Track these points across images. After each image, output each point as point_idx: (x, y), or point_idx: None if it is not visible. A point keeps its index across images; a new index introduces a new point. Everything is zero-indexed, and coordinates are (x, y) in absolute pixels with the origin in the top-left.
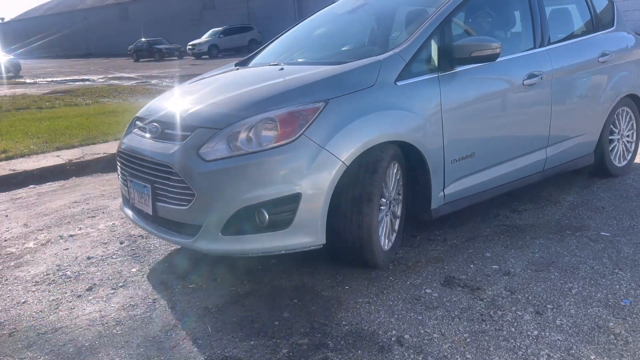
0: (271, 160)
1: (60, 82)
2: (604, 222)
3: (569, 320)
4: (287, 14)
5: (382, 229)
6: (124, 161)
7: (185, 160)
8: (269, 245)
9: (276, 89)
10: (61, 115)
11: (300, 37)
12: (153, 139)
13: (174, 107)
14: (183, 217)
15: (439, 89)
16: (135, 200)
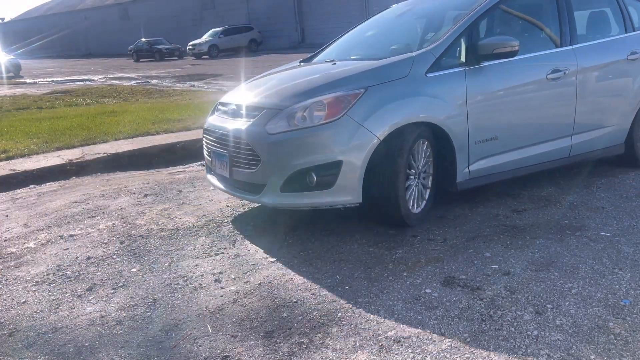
0: (320, 134)
1: (60, 82)
2: (604, 222)
3: (569, 320)
4: (287, 14)
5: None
6: (209, 136)
7: (255, 133)
8: (316, 201)
9: (326, 79)
10: (61, 115)
11: (355, 38)
12: (231, 118)
13: (248, 94)
14: (251, 178)
15: (464, 81)
16: (216, 167)
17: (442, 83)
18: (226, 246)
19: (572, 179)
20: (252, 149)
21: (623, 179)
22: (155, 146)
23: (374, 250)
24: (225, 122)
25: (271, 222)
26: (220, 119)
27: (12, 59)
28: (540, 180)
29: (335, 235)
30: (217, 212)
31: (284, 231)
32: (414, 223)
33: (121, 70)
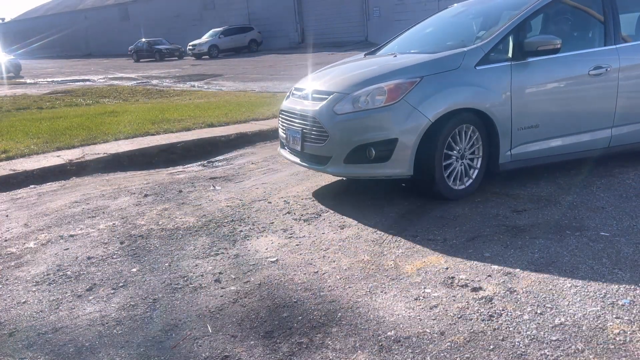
0: (379, 115)
1: (60, 83)
2: (604, 222)
3: (569, 320)
4: (287, 14)
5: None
6: (285, 116)
7: (324, 114)
8: (373, 172)
9: (388, 69)
10: (61, 116)
11: (414, 35)
12: (304, 101)
13: (319, 81)
14: (319, 151)
15: (510, 74)
16: (290, 142)
17: (490, 75)
18: (226, 246)
19: (572, 179)
20: (322, 127)
21: (623, 179)
22: (155, 146)
23: (375, 248)
24: (299, 104)
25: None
26: (295, 102)
27: (13, 59)
28: (540, 180)
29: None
30: (217, 212)
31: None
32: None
33: (121, 71)
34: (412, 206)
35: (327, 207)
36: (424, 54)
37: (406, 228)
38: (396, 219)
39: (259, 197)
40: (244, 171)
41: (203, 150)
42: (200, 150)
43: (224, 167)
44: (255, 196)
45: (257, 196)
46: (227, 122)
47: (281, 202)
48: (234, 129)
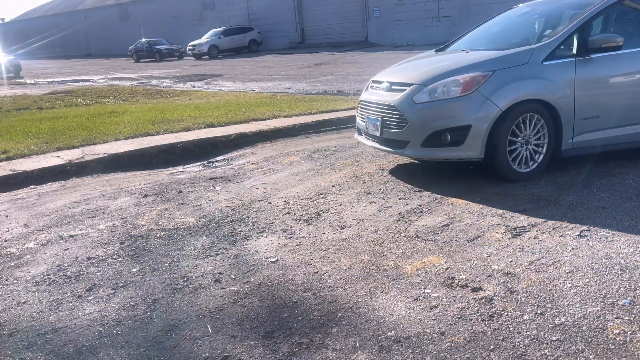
0: (455, 104)
1: (60, 83)
2: (604, 222)
3: (569, 320)
4: (287, 15)
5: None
6: (364, 106)
7: (404, 103)
8: (447, 154)
9: (461, 63)
10: (61, 116)
11: (481, 33)
12: (384, 92)
13: (397, 75)
14: (398, 136)
15: (574, 69)
16: (369, 129)
17: (556, 70)
18: (226, 246)
19: (572, 179)
20: (402, 115)
21: (623, 179)
22: (155, 146)
23: (375, 248)
24: (378, 95)
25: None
26: (374, 94)
27: (13, 60)
28: (540, 181)
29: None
30: (217, 212)
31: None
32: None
33: (121, 71)
34: (413, 206)
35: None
36: (494, 51)
37: (407, 229)
38: (397, 219)
39: (259, 198)
40: (244, 171)
41: (203, 151)
42: (200, 151)
43: (224, 167)
44: (255, 196)
45: (257, 196)
46: (227, 123)
47: (281, 202)
48: (234, 129)
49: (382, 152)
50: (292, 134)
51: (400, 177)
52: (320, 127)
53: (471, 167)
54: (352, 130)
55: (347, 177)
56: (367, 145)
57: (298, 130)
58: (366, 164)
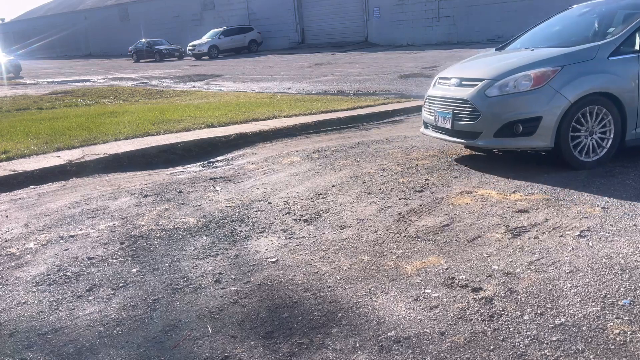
0: (527, 97)
1: (60, 83)
2: (604, 222)
3: (569, 320)
4: (287, 15)
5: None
6: (433, 101)
7: (477, 96)
8: (519, 144)
9: (530, 60)
10: (61, 116)
11: (541, 33)
12: (455, 87)
13: (465, 71)
14: (470, 128)
15: (638, 63)
16: (439, 121)
17: (621, 65)
18: (226, 246)
19: (571, 179)
20: (474, 108)
21: (623, 179)
22: (155, 146)
23: (375, 249)
24: (448, 91)
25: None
26: (442, 89)
27: (13, 60)
28: (540, 181)
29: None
30: (217, 212)
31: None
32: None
33: (121, 71)
34: (413, 206)
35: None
36: (560, 48)
37: (408, 230)
38: (397, 219)
39: (259, 198)
40: (244, 171)
41: (203, 151)
42: (200, 151)
43: (224, 167)
44: (255, 196)
45: (257, 196)
46: (227, 123)
47: (281, 203)
48: (234, 129)
49: (452, 143)
50: (292, 134)
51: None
52: (321, 127)
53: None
54: (351, 130)
55: (347, 177)
56: (435, 137)
57: (298, 131)
58: (366, 164)
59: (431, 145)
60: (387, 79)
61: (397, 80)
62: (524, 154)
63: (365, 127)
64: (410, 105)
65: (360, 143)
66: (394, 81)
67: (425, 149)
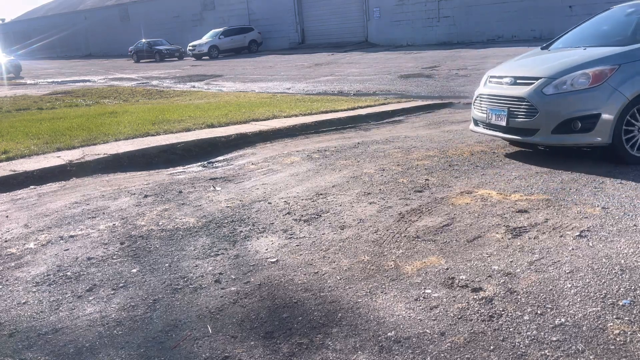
0: (585, 95)
1: (60, 83)
2: (604, 222)
3: (569, 320)
4: (287, 15)
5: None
6: (485, 99)
7: (534, 95)
8: (577, 141)
9: (585, 59)
10: (62, 116)
11: (587, 32)
12: (509, 86)
13: (519, 70)
14: (527, 125)
15: None
16: (492, 119)
17: None
18: (226, 247)
19: (572, 180)
20: (532, 105)
21: (623, 179)
22: (155, 147)
23: (375, 249)
24: (501, 89)
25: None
26: (495, 87)
27: (13, 60)
28: (540, 181)
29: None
30: (217, 212)
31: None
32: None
33: (121, 71)
34: (413, 207)
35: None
36: (614, 47)
37: (408, 231)
38: (397, 219)
39: (259, 198)
40: (244, 172)
41: (203, 151)
42: (200, 151)
43: (224, 167)
44: (255, 197)
45: (257, 197)
46: (227, 123)
47: (281, 203)
48: (234, 129)
49: (505, 140)
50: (293, 134)
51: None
52: (321, 127)
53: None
54: (351, 130)
55: (347, 177)
56: (487, 134)
57: (298, 131)
58: (366, 164)
59: (431, 146)
60: (387, 79)
61: (397, 81)
62: (525, 154)
63: (365, 127)
64: (410, 105)
65: (360, 143)
66: (394, 81)
67: (425, 149)
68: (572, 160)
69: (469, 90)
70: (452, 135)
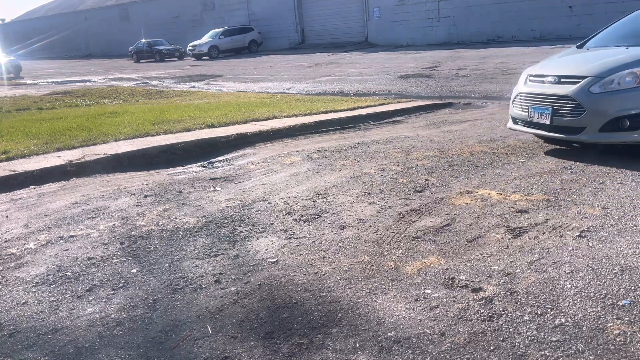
0: (633, 93)
1: (60, 83)
2: (604, 222)
3: (569, 320)
4: (288, 15)
5: None
6: (526, 98)
7: (581, 93)
8: (625, 139)
9: (632, 57)
10: (61, 116)
11: (623, 31)
12: (553, 84)
13: (561, 68)
14: (573, 123)
15: None
16: (534, 117)
17: None
18: (226, 247)
19: (572, 180)
20: (578, 104)
21: (624, 180)
22: (155, 147)
23: (375, 249)
24: (546, 87)
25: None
26: (537, 86)
27: (13, 60)
28: (540, 181)
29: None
30: (217, 212)
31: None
32: None
33: (121, 71)
34: (413, 207)
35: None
36: None
37: (407, 229)
38: (397, 219)
39: (259, 198)
40: (244, 172)
41: (203, 151)
42: (200, 151)
43: (224, 167)
44: (255, 197)
45: (257, 197)
46: (227, 123)
47: (281, 203)
48: (234, 129)
49: (546, 138)
50: (292, 134)
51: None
52: (321, 127)
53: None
54: (351, 130)
55: (347, 177)
56: (527, 132)
57: (298, 131)
58: (366, 164)
59: (431, 146)
60: (387, 80)
61: (397, 81)
62: (524, 154)
63: (365, 127)
64: (410, 105)
65: (360, 143)
66: (394, 81)
67: (425, 149)
68: (572, 160)
69: (469, 90)
70: (452, 136)
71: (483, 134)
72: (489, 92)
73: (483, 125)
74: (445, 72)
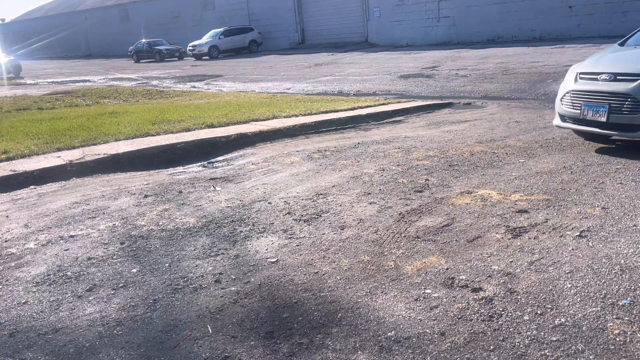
0: None
1: (60, 83)
2: (604, 222)
3: (569, 320)
4: (287, 15)
5: None
6: (578, 95)
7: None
8: None
9: None
10: (62, 116)
11: None
12: (608, 82)
13: (616, 66)
14: (632, 121)
15: None
16: (588, 115)
17: None
18: (226, 247)
19: (572, 180)
20: (639, 102)
21: (624, 179)
22: (155, 147)
23: (376, 249)
24: (601, 85)
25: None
26: (589, 84)
27: (13, 60)
28: (540, 181)
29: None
30: (217, 212)
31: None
32: None
33: (121, 71)
34: (413, 207)
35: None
36: None
37: (407, 228)
38: (397, 219)
39: (259, 198)
40: (244, 172)
41: (203, 151)
42: (200, 151)
43: (224, 167)
44: (255, 197)
45: (257, 197)
46: (227, 123)
47: (281, 203)
48: (234, 129)
49: (595, 137)
50: (292, 134)
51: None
52: (321, 127)
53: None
54: (352, 130)
55: (347, 177)
56: (578, 130)
57: (298, 131)
58: (366, 164)
59: (431, 146)
60: (387, 79)
61: (397, 81)
62: (524, 154)
63: (365, 127)
64: (410, 105)
65: (360, 143)
66: (394, 81)
67: (425, 149)
68: (571, 160)
69: (469, 90)
70: (452, 136)
71: (483, 134)
72: (489, 92)
73: (483, 125)
74: (445, 72)
